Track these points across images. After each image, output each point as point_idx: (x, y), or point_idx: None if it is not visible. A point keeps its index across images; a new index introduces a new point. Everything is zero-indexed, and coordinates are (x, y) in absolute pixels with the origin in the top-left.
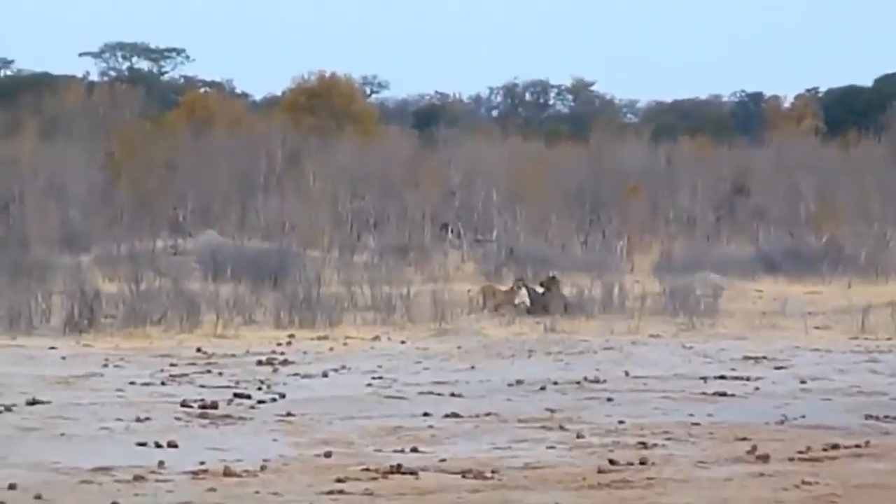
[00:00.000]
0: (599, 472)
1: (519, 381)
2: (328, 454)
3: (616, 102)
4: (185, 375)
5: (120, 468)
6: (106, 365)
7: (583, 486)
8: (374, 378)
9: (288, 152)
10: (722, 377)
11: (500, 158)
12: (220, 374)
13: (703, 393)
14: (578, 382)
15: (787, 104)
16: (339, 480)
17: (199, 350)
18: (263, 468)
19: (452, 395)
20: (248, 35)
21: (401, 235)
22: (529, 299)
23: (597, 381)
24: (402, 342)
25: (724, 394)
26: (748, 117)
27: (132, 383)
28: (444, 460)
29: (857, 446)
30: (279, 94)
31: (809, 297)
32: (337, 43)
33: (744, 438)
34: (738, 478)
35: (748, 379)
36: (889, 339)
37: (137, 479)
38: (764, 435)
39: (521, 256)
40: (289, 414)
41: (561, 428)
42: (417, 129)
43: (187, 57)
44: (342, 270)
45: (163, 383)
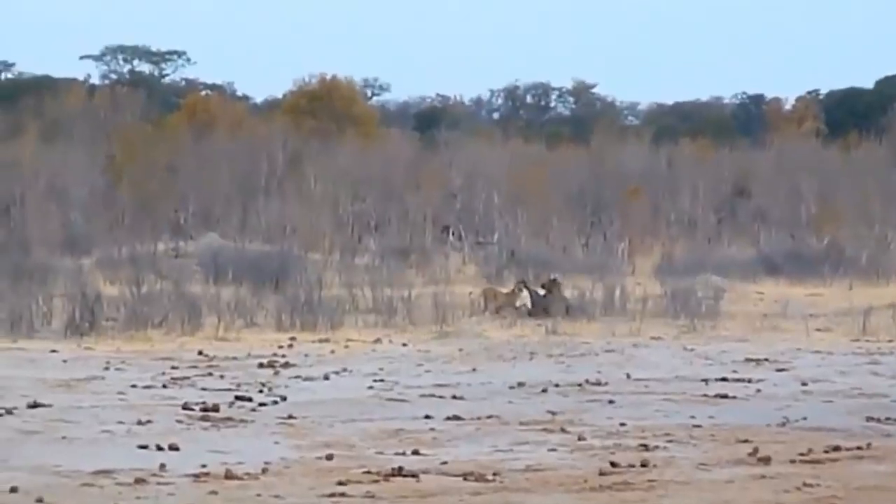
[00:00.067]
0: (601, 474)
1: (520, 384)
2: (329, 457)
3: (617, 105)
4: (187, 378)
5: (121, 471)
6: (107, 368)
7: (584, 488)
8: (375, 380)
9: (289, 155)
10: (723, 379)
11: (501, 161)
12: (222, 376)
13: (705, 395)
14: (580, 385)
15: (788, 106)
16: (340, 483)
17: (200, 353)
18: (265, 471)
19: (454, 397)
20: (249, 38)
21: (402, 238)
22: (531, 301)
23: (598, 384)
24: (404, 345)
25: (725, 396)
26: (749, 119)
27: (133, 386)
28: (445, 463)
29: (858, 448)
30: (280, 96)
31: (811, 299)
32: (338, 45)
33: (745, 440)
34: (740, 480)
35: (749, 381)
36: (890, 341)
37: (139, 481)
38: (765, 437)
39: (523, 259)
40: (290, 416)
41: (562, 430)
42: (418, 132)
43: (188, 60)
44: (343, 273)
45: (164, 386)
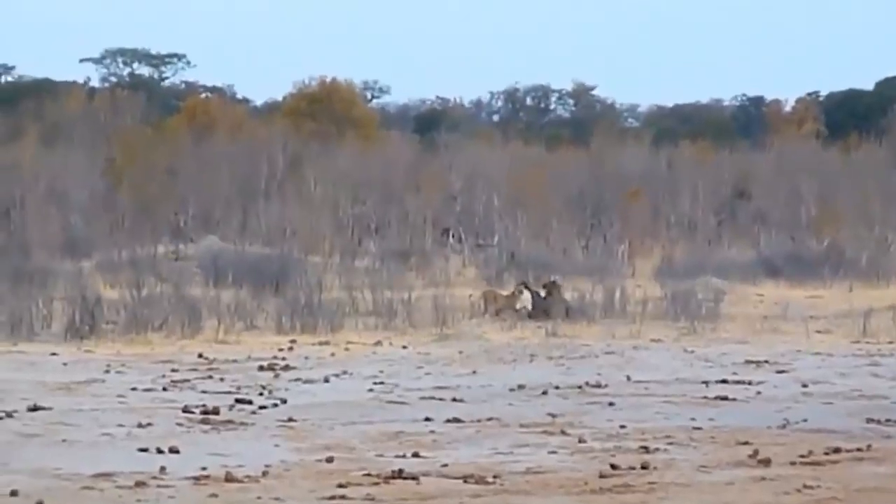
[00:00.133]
0: (601, 476)
1: (520, 386)
2: (330, 459)
3: (617, 107)
4: (187, 381)
5: (122, 474)
6: (107, 371)
7: (584, 490)
8: (375, 383)
9: (289, 158)
10: (723, 381)
11: (501, 163)
12: (222, 379)
13: (705, 397)
14: (580, 387)
15: (788, 108)
16: (340, 486)
17: (200, 356)
18: (265, 474)
19: (454, 400)
20: (249, 40)
21: (402, 240)
22: (532, 302)
23: (598, 386)
24: (404, 347)
25: (725, 398)
26: (749, 121)
27: (134, 389)
28: (445, 465)
29: (858, 450)
30: (280, 99)
31: (811, 301)
32: (338, 48)
33: (745, 442)
34: (740, 482)
35: (750, 383)
36: (890, 342)
37: (139, 484)
38: (765, 439)
39: (523, 261)
40: (290, 419)
41: (562, 433)
42: (418, 134)
43: (188, 62)
44: (343, 276)
45: (164, 389)
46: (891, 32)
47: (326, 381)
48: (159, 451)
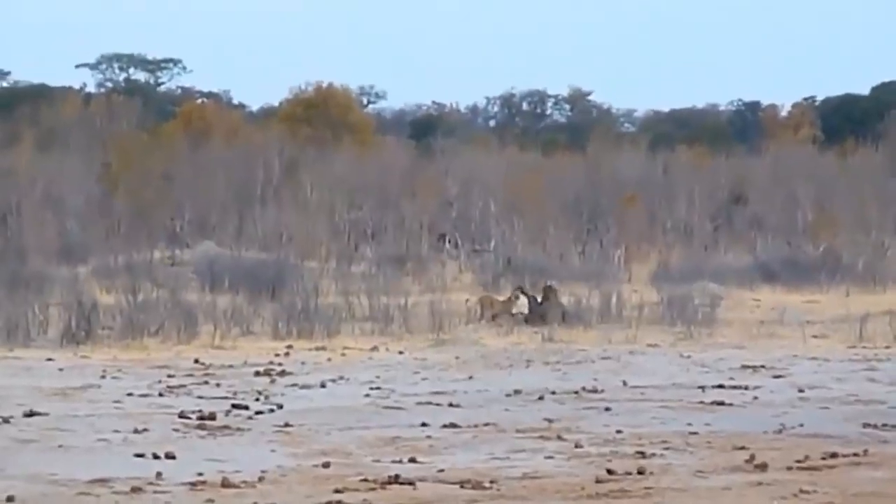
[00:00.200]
0: (597, 481)
1: (517, 391)
2: (326, 465)
3: (613, 112)
4: (183, 386)
5: (118, 480)
6: (103, 376)
7: (581, 495)
8: (371, 388)
9: (285, 163)
10: (720, 386)
11: (497, 168)
12: (218, 385)
13: (701, 402)
14: (576, 392)
15: (784, 113)
16: (337, 491)
17: (196, 361)
18: (261, 479)
19: (450, 405)
20: (245, 46)
21: (398, 246)
22: (528, 307)
23: (595, 391)
24: (400, 352)
25: (722, 403)
26: (745, 126)
27: (130, 395)
28: (442, 471)
29: (855, 455)
30: (276, 104)
31: (807, 305)
32: (334, 53)
33: (742, 447)
34: (737, 487)
35: (746, 388)
36: (887, 347)
37: (135, 490)
38: (762, 444)
39: (519, 266)
40: (287, 425)
41: (559, 438)
42: (414, 140)
43: (184, 68)
44: (340, 281)
45: (160, 394)
46: (887, 37)
47: (323, 386)
48: (155, 457)
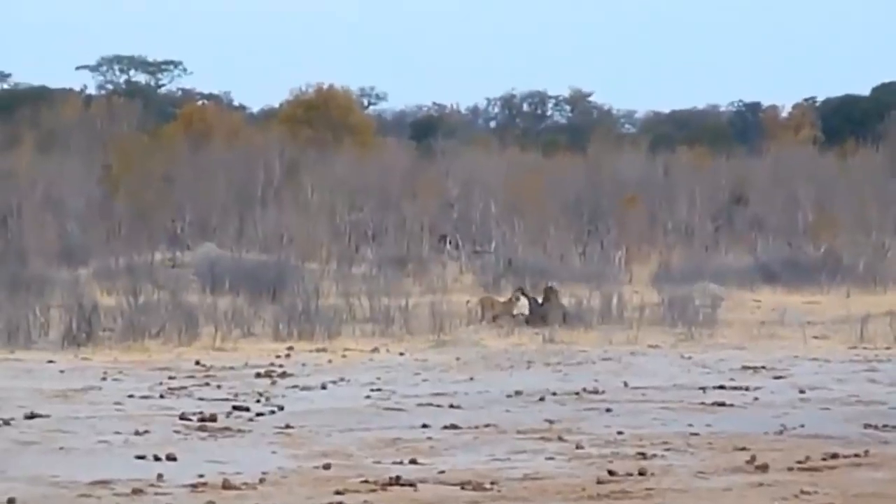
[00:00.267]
0: (598, 482)
1: (518, 392)
2: (327, 466)
3: (614, 113)
4: (184, 388)
5: (119, 481)
6: (104, 378)
7: (582, 496)
8: (372, 390)
9: (286, 164)
10: (721, 387)
11: (497, 169)
12: (219, 386)
13: (702, 403)
14: (577, 393)
15: (784, 114)
16: (338, 493)
17: (197, 363)
18: (262, 481)
19: (451, 406)
20: (246, 47)
21: (399, 247)
22: (529, 308)
23: (595, 392)
24: (401, 354)
25: (722, 404)
26: (746, 127)
27: (131, 396)
28: (442, 472)
29: (856, 455)
30: (277, 106)
31: (808, 306)
32: (334, 55)
33: (743, 448)
34: (737, 488)
35: (747, 389)
36: (887, 348)
37: (136, 492)
38: (763, 445)
39: (520, 267)
40: (287, 426)
41: (560, 439)
42: (415, 141)
43: (185, 70)
44: (340, 282)
45: (161, 396)
46: (887, 38)
47: (324, 387)
48: (156, 459)
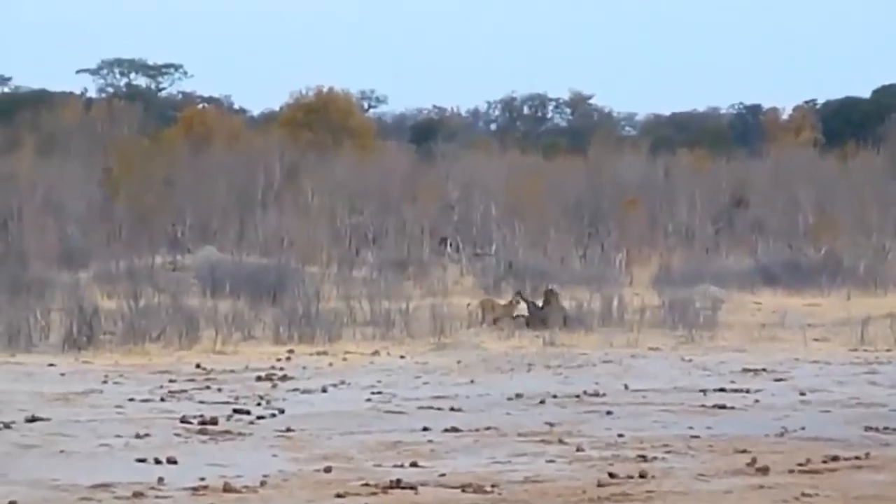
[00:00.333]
0: (599, 485)
1: (518, 395)
2: (328, 469)
3: (614, 115)
4: (185, 391)
5: (119, 485)
6: (105, 381)
7: (583, 499)
8: (373, 393)
9: (286, 168)
10: (721, 390)
11: (498, 172)
12: (220, 389)
13: (703, 405)
14: (578, 396)
15: (785, 116)
16: (338, 496)
17: (198, 366)
18: (263, 483)
19: (452, 409)
20: (246, 51)
21: (399, 250)
22: (529, 312)
23: (596, 395)
24: (402, 357)
25: (723, 406)
26: (746, 130)
27: (131, 400)
28: (443, 475)
29: (856, 458)
30: (277, 109)
31: (808, 309)
32: (334, 58)
33: (743, 451)
34: (738, 490)
35: (747, 391)
36: (888, 350)
37: (137, 495)
38: (763, 447)
39: (520, 270)
40: (288, 429)
41: (560, 441)
42: (415, 144)
43: (185, 73)
44: (341, 285)
45: (162, 399)
46: (888, 40)
47: (324, 390)
48: (157, 462)
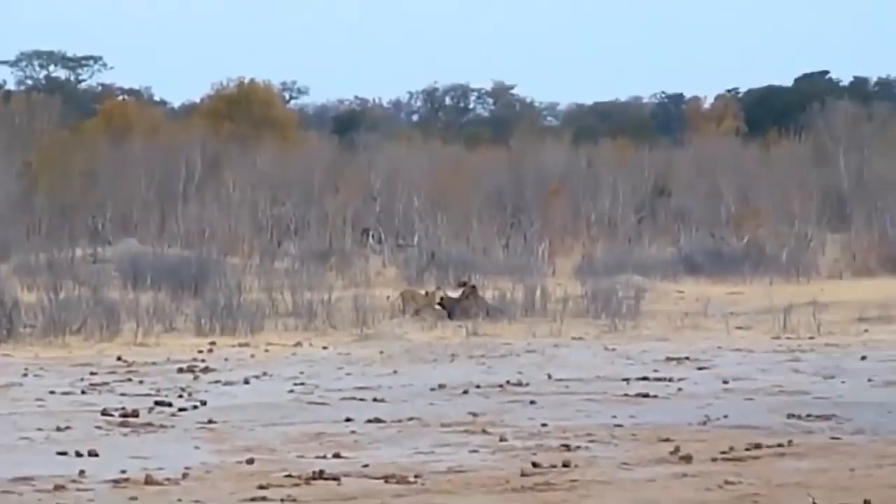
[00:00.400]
0: (523, 475)
1: (441, 386)
2: (250, 461)
3: (536, 105)
4: (106, 384)
5: (40, 478)
6: (25, 374)
7: (506, 489)
8: (295, 384)
9: (207, 159)
10: (644, 378)
11: (420, 163)
12: (141, 382)
13: (626, 394)
14: (501, 386)
15: (707, 105)
16: (261, 487)
17: (119, 358)
18: (185, 476)
19: (375, 400)
20: (166, 42)
21: (322, 241)
22: (447, 311)
23: (519, 385)
24: (324, 348)
25: (646, 395)
26: (668, 119)
27: (52, 392)
28: (366, 466)
29: (779, 445)
30: (198, 100)
31: (731, 297)
32: (256, 49)
33: (667, 439)
34: (662, 479)
35: (671, 380)
36: (811, 338)
37: (58, 488)
38: (687, 435)
39: (443, 261)
40: (210, 421)
41: (484, 431)
42: (337, 135)
43: (105, 64)
44: (263, 277)
45: (83, 392)
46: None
47: (246, 382)
48: (78, 455)
